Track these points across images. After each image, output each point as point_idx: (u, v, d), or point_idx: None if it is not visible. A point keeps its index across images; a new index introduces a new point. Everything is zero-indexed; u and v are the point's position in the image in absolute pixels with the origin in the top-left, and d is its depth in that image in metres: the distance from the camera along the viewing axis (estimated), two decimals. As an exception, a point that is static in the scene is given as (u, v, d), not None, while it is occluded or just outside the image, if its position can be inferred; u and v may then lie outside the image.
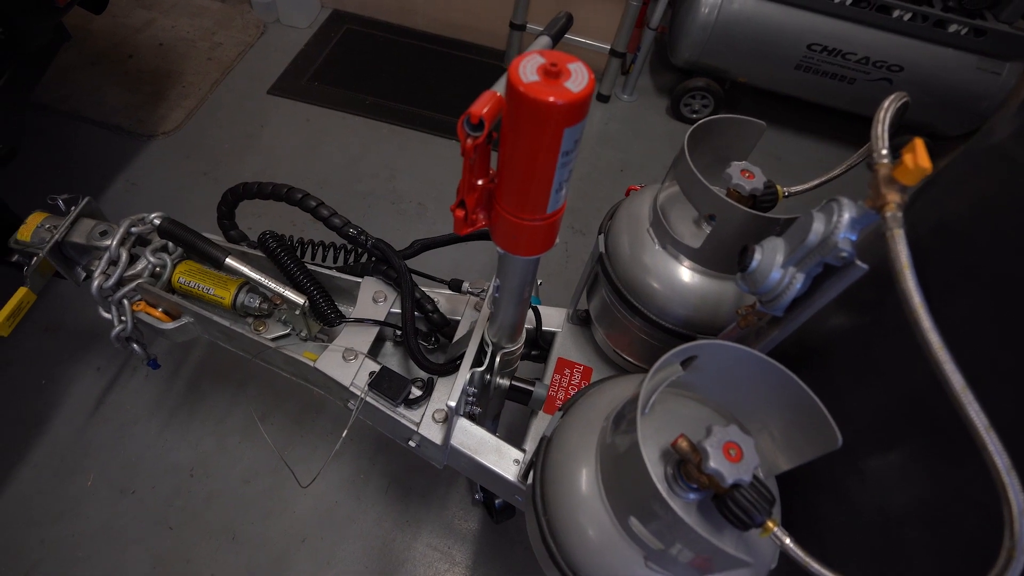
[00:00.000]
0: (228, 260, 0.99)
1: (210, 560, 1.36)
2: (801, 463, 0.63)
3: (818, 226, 0.58)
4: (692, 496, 0.63)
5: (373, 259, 1.09)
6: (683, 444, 0.60)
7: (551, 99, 0.50)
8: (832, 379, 0.66)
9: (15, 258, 1.14)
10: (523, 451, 0.96)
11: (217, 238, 1.11)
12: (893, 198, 0.51)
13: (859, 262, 0.56)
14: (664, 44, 2.50)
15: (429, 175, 2.14)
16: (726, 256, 0.81)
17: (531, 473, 0.86)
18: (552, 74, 0.51)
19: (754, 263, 0.64)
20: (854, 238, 0.56)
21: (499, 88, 0.63)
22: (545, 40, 0.80)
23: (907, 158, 0.50)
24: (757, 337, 0.74)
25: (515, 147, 0.56)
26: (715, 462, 0.56)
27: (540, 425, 0.99)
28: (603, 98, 2.52)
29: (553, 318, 1.14)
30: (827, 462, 0.60)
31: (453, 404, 0.85)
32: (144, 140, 2.09)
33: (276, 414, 1.58)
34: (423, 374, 1.07)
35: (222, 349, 1.11)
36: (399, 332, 1.09)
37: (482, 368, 0.88)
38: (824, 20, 2.08)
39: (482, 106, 0.58)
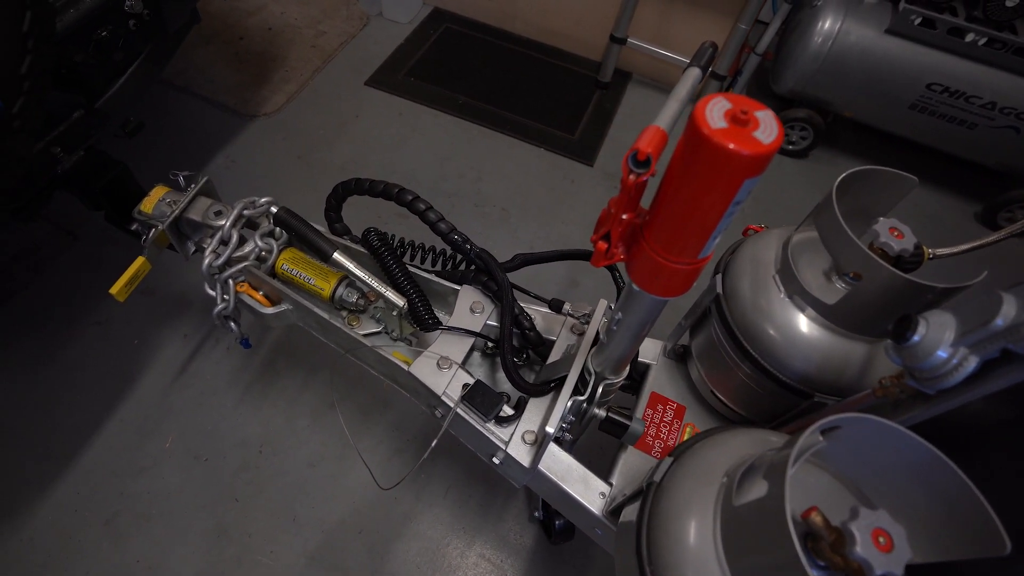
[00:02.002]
0: (336, 255, 1.01)
1: (270, 538, 1.40)
2: (945, 560, 0.58)
3: (1009, 310, 0.53)
4: (817, 573, 0.59)
5: (473, 268, 1.08)
6: (817, 519, 0.56)
7: (739, 149, 0.47)
8: (992, 471, 0.60)
9: (134, 227, 1.20)
10: (609, 484, 0.93)
11: (322, 228, 1.14)
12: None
13: (1054, 355, 0.51)
14: (765, 69, 2.41)
15: (514, 180, 2.14)
16: (865, 318, 0.76)
17: (622, 511, 0.83)
18: (741, 122, 0.48)
19: (917, 337, 0.59)
20: (1052, 329, 0.51)
21: (662, 122, 0.61)
22: (695, 72, 0.77)
23: None
24: (895, 410, 0.69)
25: (684, 189, 0.54)
26: (863, 550, 0.51)
27: (630, 459, 0.96)
28: (695, 119, 2.45)
29: (648, 350, 1.10)
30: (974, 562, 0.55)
31: (552, 430, 0.83)
32: (246, 120, 2.18)
33: (345, 403, 1.60)
34: (509, 387, 1.06)
35: (299, 331, 1.12)
36: (490, 344, 1.09)
37: (583, 397, 0.86)
38: (950, 59, 1.95)
39: (649, 143, 0.55)
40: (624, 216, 0.61)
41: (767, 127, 0.48)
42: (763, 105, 0.50)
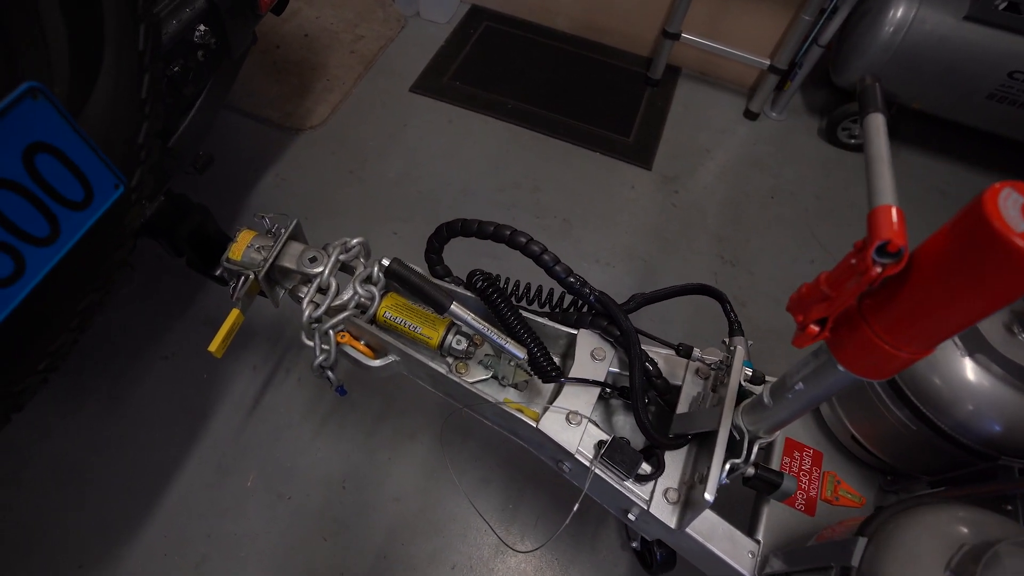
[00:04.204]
0: (453, 307, 0.95)
1: (363, 577, 1.37)
2: None
3: None
4: None
5: (588, 310, 1.03)
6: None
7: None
8: None
9: (219, 272, 1.15)
10: (757, 541, 0.89)
11: (423, 271, 1.08)
12: None
13: None
14: (824, 60, 2.31)
15: (572, 189, 2.07)
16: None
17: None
18: (1042, 220, 0.42)
19: None
20: None
21: (891, 199, 0.54)
22: (880, 119, 0.70)
23: None
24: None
25: (955, 288, 0.47)
26: None
27: (775, 513, 0.91)
28: (751, 115, 2.36)
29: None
30: None
31: (711, 498, 0.78)
32: (291, 134, 2.11)
33: (424, 433, 1.56)
34: (627, 431, 1.02)
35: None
36: (607, 389, 1.04)
37: (740, 459, 0.81)
38: (1036, 47, 1.85)
39: (898, 231, 0.49)
40: (848, 302, 0.55)
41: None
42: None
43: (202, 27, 1.23)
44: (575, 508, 0.86)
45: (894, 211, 0.50)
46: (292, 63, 2.30)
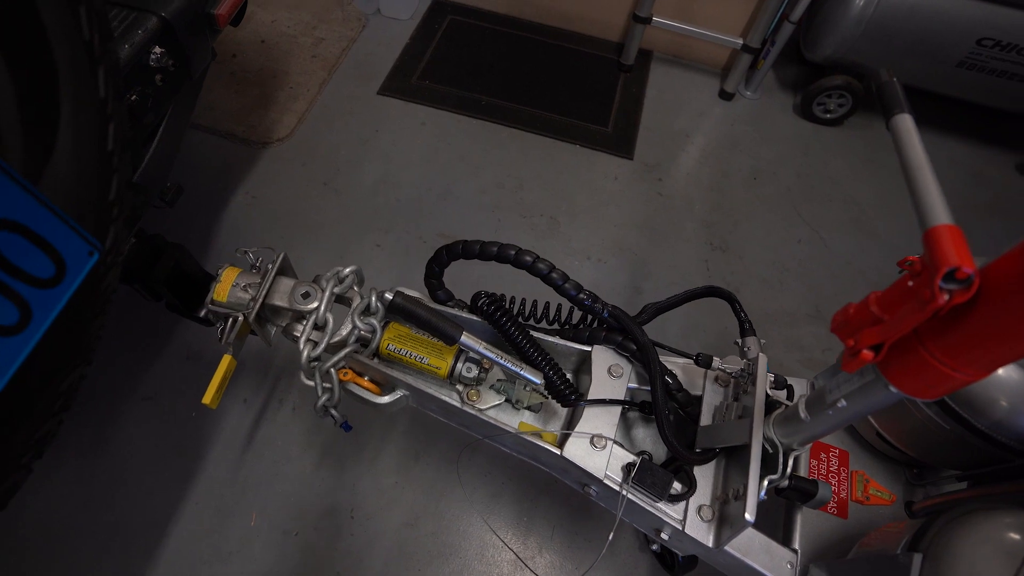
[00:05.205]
0: (463, 338, 0.90)
1: (381, 608, 1.33)
2: None
3: None
4: None
5: (600, 325, 0.99)
6: None
7: None
8: None
9: (203, 313, 1.07)
10: (794, 551, 0.88)
11: (424, 299, 1.03)
12: None
13: None
14: (796, 36, 2.29)
15: (556, 185, 2.02)
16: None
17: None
18: None
19: None
20: None
21: (946, 216, 0.52)
22: (908, 119, 0.67)
23: None
24: None
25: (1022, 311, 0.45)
26: None
27: (810, 521, 0.90)
28: (726, 96, 2.34)
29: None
30: None
31: (751, 518, 0.76)
32: (258, 148, 2.01)
33: (429, 453, 1.52)
34: (648, 445, 1.00)
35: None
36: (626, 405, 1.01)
37: (777, 475, 0.79)
38: (1004, 12, 1.86)
39: (964, 255, 0.46)
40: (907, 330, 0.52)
41: None
42: None
43: (158, 49, 1.14)
44: (610, 537, 0.83)
45: (958, 233, 0.47)
46: (251, 72, 2.18)
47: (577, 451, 0.89)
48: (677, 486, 0.87)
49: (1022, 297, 0.44)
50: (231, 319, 1.02)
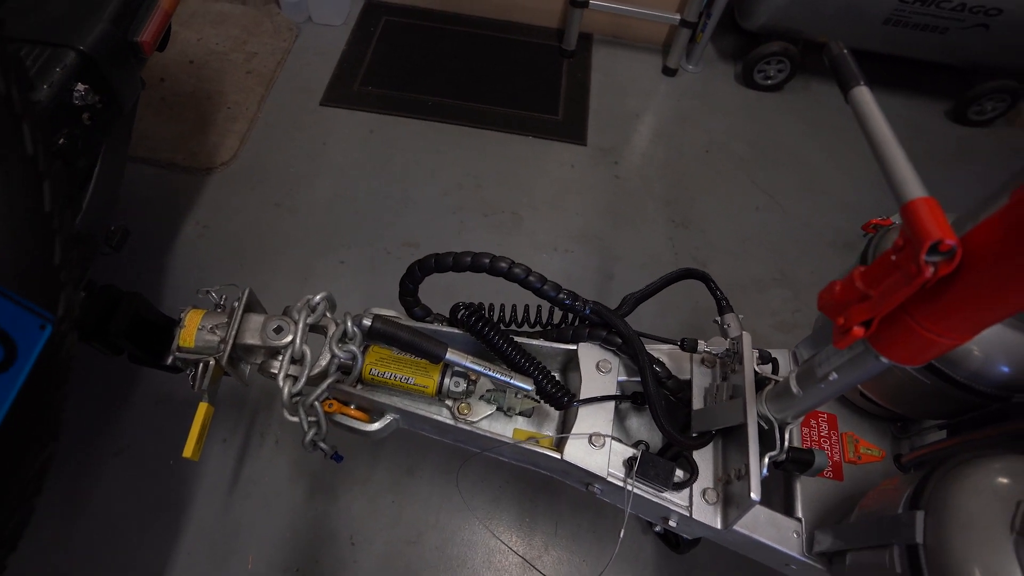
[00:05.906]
0: (448, 355, 0.88)
1: (395, 631, 1.31)
2: None
3: None
4: None
5: (582, 322, 0.99)
6: None
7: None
8: None
9: (170, 361, 1.02)
10: (798, 520, 0.90)
11: (401, 317, 1.00)
12: None
13: None
14: (731, 6, 2.33)
15: (514, 179, 2.00)
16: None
17: (847, 555, 0.79)
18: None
19: None
20: None
21: (922, 189, 0.52)
22: (865, 91, 0.68)
23: None
24: None
25: (1003, 276, 0.46)
26: None
27: (808, 488, 0.92)
28: (669, 71, 2.36)
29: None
30: None
31: (757, 497, 0.77)
32: (203, 175, 1.92)
33: (422, 465, 1.50)
34: (644, 434, 1.00)
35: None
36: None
37: (775, 452, 0.80)
38: (922, -32, 1.93)
39: (945, 227, 0.47)
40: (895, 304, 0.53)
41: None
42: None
43: (81, 86, 1.06)
44: (621, 535, 0.83)
45: (935, 206, 0.48)
46: (183, 95, 2.08)
47: (577, 452, 0.88)
48: (680, 473, 0.88)
49: (1003, 262, 0.45)
50: (202, 364, 0.98)
